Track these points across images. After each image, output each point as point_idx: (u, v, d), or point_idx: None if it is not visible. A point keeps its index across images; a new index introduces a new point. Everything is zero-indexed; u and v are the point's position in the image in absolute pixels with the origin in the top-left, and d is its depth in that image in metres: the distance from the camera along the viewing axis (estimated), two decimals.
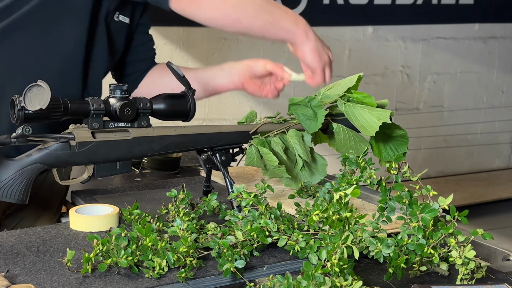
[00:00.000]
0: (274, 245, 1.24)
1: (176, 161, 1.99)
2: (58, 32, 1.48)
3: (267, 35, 1.42)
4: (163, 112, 1.40)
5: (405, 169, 1.29)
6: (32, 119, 1.25)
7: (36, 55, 1.47)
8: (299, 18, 1.43)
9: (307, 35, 1.43)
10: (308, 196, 1.58)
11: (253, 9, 1.36)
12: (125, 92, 1.35)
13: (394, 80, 4.26)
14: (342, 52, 4.01)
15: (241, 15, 1.35)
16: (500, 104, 4.72)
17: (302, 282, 1.02)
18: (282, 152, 1.51)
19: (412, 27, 4.25)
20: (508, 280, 1.20)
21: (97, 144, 1.34)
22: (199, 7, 1.34)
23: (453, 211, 1.18)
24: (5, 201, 1.29)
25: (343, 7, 3.95)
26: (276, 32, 1.41)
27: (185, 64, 3.40)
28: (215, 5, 1.33)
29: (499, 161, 4.83)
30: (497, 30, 4.56)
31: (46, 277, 1.13)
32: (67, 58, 1.51)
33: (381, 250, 1.16)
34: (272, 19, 1.38)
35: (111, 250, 1.14)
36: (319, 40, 1.45)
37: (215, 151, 1.49)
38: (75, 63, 1.50)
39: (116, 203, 1.51)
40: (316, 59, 1.46)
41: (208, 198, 1.41)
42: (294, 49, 1.45)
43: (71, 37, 1.50)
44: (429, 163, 4.35)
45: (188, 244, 1.14)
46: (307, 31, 1.43)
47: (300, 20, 1.43)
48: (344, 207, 1.17)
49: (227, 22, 1.36)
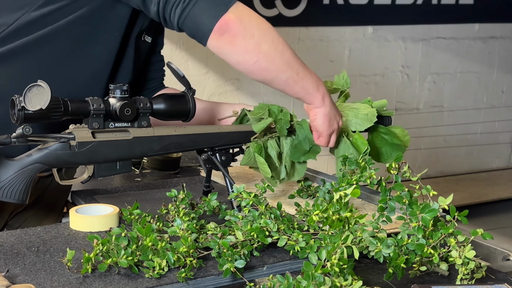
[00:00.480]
0: (274, 245, 1.24)
1: (176, 161, 1.99)
2: (88, 49, 1.49)
3: (287, 90, 1.46)
4: (163, 112, 1.40)
5: (405, 169, 1.29)
6: (32, 119, 1.25)
7: (63, 68, 1.48)
8: (320, 82, 1.47)
9: (324, 100, 1.47)
10: (308, 196, 1.58)
11: (282, 62, 1.40)
12: (125, 92, 1.35)
13: (394, 80, 4.26)
14: (342, 52, 4.01)
15: (270, 65, 1.39)
16: (500, 104, 4.72)
17: (302, 282, 1.02)
18: (276, 158, 1.52)
19: (412, 27, 4.25)
20: (508, 280, 1.20)
21: (97, 144, 1.34)
22: (234, 50, 1.37)
23: (453, 211, 1.18)
24: (5, 201, 1.29)
25: (343, 7, 3.95)
26: (297, 90, 1.45)
27: (185, 64, 3.40)
28: (249, 50, 1.37)
29: (499, 161, 4.83)
30: (497, 30, 4.56)
31: (46, 277, 1.13)
32: (93, 74, 1.51)
33: (381, 250, 1.16)
34: (297, 76, 1.42)
35: (111, 250, 1.14)
36: (333, 107, 1.49)
37: (215, 151, 1.49)
38: (100, 79, 1.51)
39: (116, 203, 1.51)
40: (325, 125, 1.49)
41: (208, 198, 1.41)
42: (308, 109, 1.50)
43: (101, 54, 1.50)
44: (429, 163, 4.35)
45: (188, 244, 1.14)
46: (325, 96, 1.47)
47: (321, 84, 1.47)
48: (344, 207, 1.17)
49: (255, 69, 1.40)
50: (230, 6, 1.35)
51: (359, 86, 4.04)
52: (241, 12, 1.37)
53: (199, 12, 1.35)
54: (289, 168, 1.55)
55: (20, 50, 1.45)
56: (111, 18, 1.48)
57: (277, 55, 1.39)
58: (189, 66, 3.45)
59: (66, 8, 1.44)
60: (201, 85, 3.51)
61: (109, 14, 1.47)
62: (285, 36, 4.18)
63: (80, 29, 1.46)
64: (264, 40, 1.38)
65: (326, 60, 3.96)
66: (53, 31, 1.45)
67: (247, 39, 1.36)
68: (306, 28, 3.85)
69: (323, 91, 1.46)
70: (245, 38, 1.36)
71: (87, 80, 1.51)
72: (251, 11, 1.39)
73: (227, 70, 3.60)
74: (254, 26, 1.38)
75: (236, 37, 1.35)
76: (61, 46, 1.47)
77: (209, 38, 1.36)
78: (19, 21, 1.44)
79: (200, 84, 3.50)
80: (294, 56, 1.43)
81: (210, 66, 3.55)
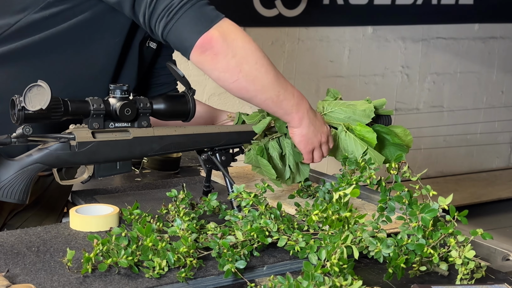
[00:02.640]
0: (274, 245, 1.24)
1: (176, 161, 1.99)
2: (89, 53, 1.49)
3: (266, 109, 1.48)
4: (163, 112, 1.40)
5: (405, 169, 1.29)
6: (32, 119, 1.25)
7: (64, 71, 1.48)
8: (301, 104, 1.46)
9: (301, 121, 1.47)
10: (308, 196, 1.59)
11: (262, 84, 1.40)
12: (125, 92, 1.35)
13: (394, 80, 4.26)
14: (342, 52, 4.01)
15: (249, 85, 1.39)
16: (500, 104, 4.72)
17: (302, 282, 1.02)
18: (278, 159, 1.52)
19: (412, 27, 4.25)
20: (508, 280, 1.20)
21: (97, 144, 1.34)
22: (215, 67, 1.37)
23: (453, 211, 1.18)
24: (5, 201, 1.29)
25: (343, 7, 3.95)
26: (275, 110, 1.45)
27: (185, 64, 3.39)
28: (230, 69, 1.37)
29: (499, 161, 4.83)
30: (497, 30, 4.56)
31: (46, 277, 1.13)
32: (94, 79, 1.51)
33: (381, 250, 1.16)
34: (276, 98, 1.42)
35: (111, 250, 1.14)
36: (312, 126, 1.49)
37: (215, 151, 1.49)
38: (102, 82, 1.51)
39: (116, 203, 1.51)
40: (302, 144, 1.50)
41: (208, 198, 1.41)
42: (288, 127, 1.51)
43: (101, 59, 1.51)
44: (429, 163, 4.35)
45: (188, 244, 1.14)
46: (303, 118, 1.47)
47: (301, 106, 1.46)
48: (343, 207, 1.17)
49: (234, 88, 1.40)
50: (216, 23, 1.34)
51: (359, 86, 4.04)
52: (226, 29, 1.36)
53: (182, 27, 1.35)
54: (293, 168, 1.55)
55: (21, 51, 1.45)
56: (112, 24, 1.48)
57: (258, 76, 1.39)
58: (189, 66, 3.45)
59: (67, 12, 1.44)
60: (201, 85, 3.51)
61: (110, 20, 1.47)
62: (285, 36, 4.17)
63: (81, 33, 1.46)
64: (246, 60, 1.37)
65: (326, 60, 3.96)
66: (54, 34, 1.45)
67: (229, 58, 1.35)
68: (306, 28, 3.85)
69: (303, 112, 1.46)
70: (227, 57, 1.35)
71: (87, 84, 1.51)
72: (237, 29, 1.38)
73: None
74: (238, 45, 1.36)
75: (218, 55, 1.35)
76: (62, 50, 1.47)
77: (191, 54, 1.35)
78: (20, 22, 1.45)
79: (200, 84, 3.50)
80: (276, 78, 1.41)
81: None
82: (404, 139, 1.61)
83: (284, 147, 1.54)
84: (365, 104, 1.58)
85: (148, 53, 1.63)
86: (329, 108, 1.58)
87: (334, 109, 1.58)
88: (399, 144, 1.59)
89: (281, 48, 3.71)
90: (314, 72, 3.91)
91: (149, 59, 1.66)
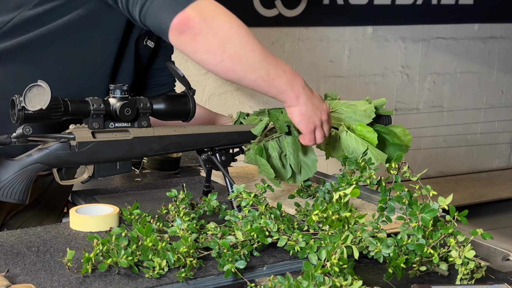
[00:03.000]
0: (274, 245, 1.24)
1: (176, 161, 1.99)
2: (85, 50, 1.48)
3: (258, 90, 1.39)
4: (163, 112, 1.40)
5: (405, 169, 1.29)
6: (32, 119, 1.25)
7: (61, 69, 1.48)
8: (295, 80, 1.39)
9: (298, 98, 1.39)
10: (308, 196, 1.59)
11: (249, 63, 1.33)
12: (125, 92, 1.35)
13: (394, 80, 4.26)
14: (342, 52, 4.01)
15: (236, 65, 1.32)
16: (500, 104, 4.72)
17: (302, 282, 1.02)
18: (278, 158, 1.52)
19: (412, 27, 4.25)
20: (508, 280, 1.20)
21: (97, 144, 1.34)
22: (196, 49, 1.30)
23: (453, 211, 1.18)
24: (5, 201, 1.29)
25: (343, 7, 3.95)
26: (267, 89, 1.38)
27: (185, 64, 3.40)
28: (212, 50, 1.30)
29: (499, 161, 4.83)
30: (497, 30, 4.56)
31: (46, 277, 1.13)
32: (91, 76, 1.51)
33: (381, 250, 1.16)
34: (267, 77, 1.35)
35: (111, 250, 1.14)
36: (310, 103, 1.41)
37: (215, 151, 1.49)
38: (100, 81, 1.51)
39: (116, 203, 1.51)
40: (303, 123, 1.42)
41: (208, 198, 1.41)
42: (286, 108, 1.44)
43: (98, 56, 1.50)
44: (429, 163, 4.34)
45: (188, 244, 1.14)
46: (300, 95, 1.39)
47: (296, 82, 1.39)
48: (343, 207, 1.17)
49: (220, 69, 1.33)
50: (191, 2, 1.27)
51: (359, 86, 4.04)
52: (205, 8, 1.29)
53: (158, 8, 1.29)
54: (295, 167, 1.54)
55: (17, 49, 1.45)
56: (106, 21, 1.47)
57: (243, 55, 1.32)
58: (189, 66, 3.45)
59: (61, 9, 1.44)
60: (201, 85, 3.51)
61: (104, 16, 1.46)
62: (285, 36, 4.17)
63: (76, 30, 1.46)
64: (229, 39, 1.31)
65: (326, 60, 3.96)
66: (49, 31, 1.44)
67: (210, 38, 1.29)
68: (306, 28, 3.85)
69: (298, 89, 1.39)
70: (207, 37, 1.28)
71: (85, 82, 1.50)
72: (218, 7, 1.31)
73: None
74: (218, 24, 1.30)
75: (197, 35, 1.28)
76: (58, 47, 1.47)
77: (169, 36, 1.29)
78: (15, 20, 1.45)
79: (200, 84, 3.50)
80: (264, 55, 1.35)
81: None
82: (403, 139, 1.61)
83: (284, 147, 1.54)
84: (366, 104, 1.58)
85: (145, 51, 1.62)
86: (330, 107, 1.58)
87: (335, 109, 1.58)
88: (398, 144, 1.59)
89: (281, 48, 3.70)
90: (314, 72, 3.91)
91: (146, 57, 1.65)
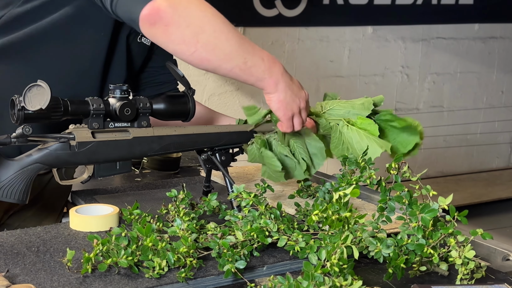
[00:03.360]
0: (274, 245, 1.24)
1: (176, 161, 1.99)
2: (76, 47, 1.48)
3: (235, 78, 1.37)
4: (163, 112, 1.40)
5: (405, 169, 1.29)
6: (32, 119, 1.25)
7: (52, 66, 1.47)
8: (274, 67, 1.37)
9: (276, 86, 1.38)
10: (308, 196, 1.58)
11: (224, 53, 1.31)
12: (125, 92, 1.35)
13: (394, 80, 4.26)
14: (342, 52, 4.01)
15: (211, 55, 1.30)
16: (500, 104, 4.72)
17: (302, 282, 1.02)
18: (291, 154, 1.50)
19: (412, 27, 4.25)
20: (508, 280, 1.20)
21: (97, 144, 1.34)
22: (169, 40, 1.28)
23: (453, 211, 1.18)
24: (5, 201, 1.29)
25: (343, 7, 3.95)
26: (244, 77, 1.36)
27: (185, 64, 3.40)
28: (186, 40, 1.28)
29: (499, 161, 4.83)
30: (497, 30, 4.56)
31: (46, 277, 1.13)
32: (82, 73, 1.50)
33: (381, 250, 1.16)
34: (244, 65, 1.33)
35: (111, 250, 1.14)
36: (289, 90, 1.40)
37: (215, 151, 1.49)
38: (91, 78, 1.50)
39: (116, 203, 1.51)
40: (280, 110, 1.41)
41: (208, 198, 1.41)
42: (264, 95, 1.42)
43: (89, 53, 1.49)
44: (429, 163, 4.34)
45: (188, 244, 1.14)
46: (278, 82, 1.37)
47: (274, 69, 1.37)
48: (343, 207, 1.17)
49: (194, 59, 1.31)
50: None
51: (359, 86, 4.04)
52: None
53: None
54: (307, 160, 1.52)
55: (8, 47, 1.45)
56: (95, 17, 1.46)
57: (218, 45, 1.30)
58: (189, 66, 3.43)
59: (49, 6, 1.43)
60: (201, 85, 3.51)
61: (92, 13, 1.45)
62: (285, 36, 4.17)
63: (65, 27, 1.45)
64: (203, 29, 1.28)
65: (326, 60, 3.96)
66: (38, 28, 1.44)
67: (183, 28, 1.26)
68: (306, 28, 3.85)
69: (276, 76, 1.37)
70: (180, 27, 1.26)
71: (77, 79, 1.50)
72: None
73: None
74: (191, 14, 1.27)
75: (169, 26, 1.26)
76: (48, 45, 1.46)
77: (140, 27, 1.27)
78: (4, 17, 1.45)
79: (200, 84, 3.50)
80: (240, 43, 1.32)
81: None
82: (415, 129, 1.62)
83: (292, 145, 1.52)
84: (363, 98, 1.58)
85: (140, 49, 1.61)
86: (328, 106, 1.58)
87: (333, 107, 1.58)
88: (408, 126, 1.58)
89: (281, 48, 3.71)
90: (314, 72, 3.91)
91: (143, 55, 1.64)
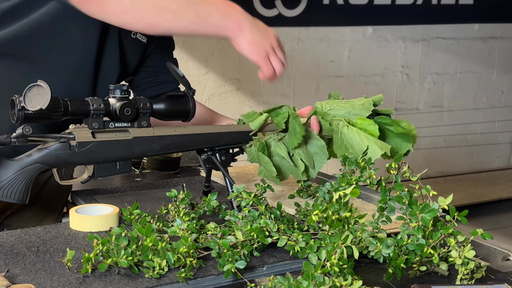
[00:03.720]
0: (274, 245, 1.24)
1: (176, 161, 1.99)
2: (66, 42, 1.48)
3: (194, 33, 1.33)
4: (163, 112, 1.40)
5: (405, 169, 1.29)
6: (32, 119, 1.25)
7: (44, 62, 1.47)
8: (232, 10, 1.30)
9: (240, 27, 1.31)
10: (308, 196, 1.58)
11: (172, 11, 1.26)
12: (125, 92, 1.35)
13: (394, 80, 4.26)
14: (342, 52, 4.01)
15: (158, 18, 1.27)
16: (500, 104, 4.72)
17: (302, 282, 1.02)
18: (288, 157, 1.51)
19: (412, 27, 4.25)
20: (508, 280, 1.20)
21: (97, 144, 1.34)
22: (109, 12, 1.26)
23: (453, 211, 1.18)
24: (5, 201, 1.29)
25: (343, 7, 3.95)
26: (203, 30, 1.30)
27: (185, 64, 3.40)
28: (126, 10, 1.25)
29: (499, 161, 4.83)
30: (497, 30, 4.56)
31: (46, 277, 1.13)
32: (75, 69, 1.50)
33: (381, 250, 1.16)
34: (197, 18, 1.27)
35: (111, 250, 1.14)
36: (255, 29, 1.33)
37: (215, 151, 1.49)
38: (83, 74, 1.49)
39: (116, 203, 1.51)
40: (253, 51, 1.34)
41: (208, 198, 1.41)
42: (232, 43, 1.34)
43: (79, 48, 1.49)
44: (429, 163, 4.35)
45: (188, 244, 1.14)
46: (241, 23, 1.31)
47: (233, 12, 1.30)
48: (343, 207, 1.17)
49: (142, 27, 1.29)
50: None
51: (359, 86, 4.04)
52: None
53: None
54: (306, 161, 1.52)
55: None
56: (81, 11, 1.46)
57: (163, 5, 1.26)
58: (189, 66, 3.45)
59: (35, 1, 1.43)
60: (201, 85, 3.51)
61: None
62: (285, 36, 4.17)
63: (54, 22, 1.45)
64: None
65: (326, 60, 3.96)
66: (27, 24, 1.44)
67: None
68: (306, 28, 3.85)
69: (236, 18, 1.31)
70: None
71: (70, 75, 1.49)
72: None
73: (227, 70, 3.60)
74: None
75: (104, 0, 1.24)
76: (39, 40, 1.46)
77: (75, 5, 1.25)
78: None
79: (200, 84, 3.50)
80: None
81: (210, 66, 3.55)
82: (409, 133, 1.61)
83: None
84: (363, 99, 1.58)
85: (135, 45, 1.60)
86: (328, 106, 1.58)
87: (333, 107, 1.58)
88: (404, 133, 1.58)
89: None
90: (314, 72, 3.91)
91: (138, 52, 1.63)
